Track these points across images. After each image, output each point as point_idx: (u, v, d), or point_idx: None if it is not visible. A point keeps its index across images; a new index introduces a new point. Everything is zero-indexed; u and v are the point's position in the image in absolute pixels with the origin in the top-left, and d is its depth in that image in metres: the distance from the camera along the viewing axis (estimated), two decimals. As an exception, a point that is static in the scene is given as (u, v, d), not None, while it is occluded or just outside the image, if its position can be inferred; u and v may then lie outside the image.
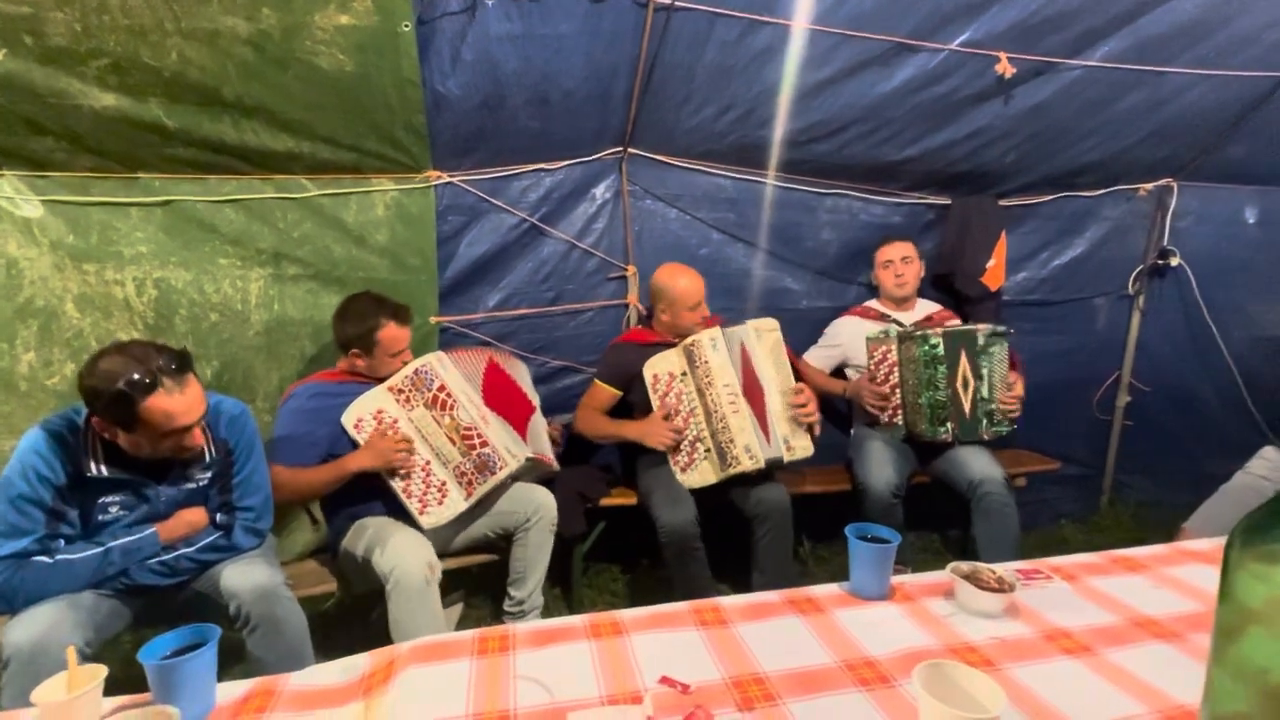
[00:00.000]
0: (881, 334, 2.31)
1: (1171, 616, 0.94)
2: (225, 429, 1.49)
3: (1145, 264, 2.82)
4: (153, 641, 0.75)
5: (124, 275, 1.91)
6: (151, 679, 0.72)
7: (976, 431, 2.19)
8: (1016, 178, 2.56)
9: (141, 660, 0.72)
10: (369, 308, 1.82)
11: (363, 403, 1.78)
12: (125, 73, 1.65)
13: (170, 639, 0.77)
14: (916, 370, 2.19)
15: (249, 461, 1.51)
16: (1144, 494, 3.02)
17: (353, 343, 1.82)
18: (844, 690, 0.78)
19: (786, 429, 2.04)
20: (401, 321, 1.84)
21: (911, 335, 2.22)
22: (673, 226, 2.43)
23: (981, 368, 2.17)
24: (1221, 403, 2.93)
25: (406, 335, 1.86)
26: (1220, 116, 2.41)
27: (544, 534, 1.94)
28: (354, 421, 1.77)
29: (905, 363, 2.24)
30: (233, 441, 1.49)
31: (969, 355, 2.17)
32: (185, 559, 1.40)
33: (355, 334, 1.81)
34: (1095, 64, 2.13)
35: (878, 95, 2.13)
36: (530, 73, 1.89)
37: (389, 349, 1.83)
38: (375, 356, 1.83)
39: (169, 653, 0.75)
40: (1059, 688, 0.78)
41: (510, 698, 0.76)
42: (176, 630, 0.77)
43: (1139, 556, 1.13)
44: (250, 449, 1.52)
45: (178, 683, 0.72)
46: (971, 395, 2.18)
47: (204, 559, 1.43)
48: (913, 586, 1.02)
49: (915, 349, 2.19)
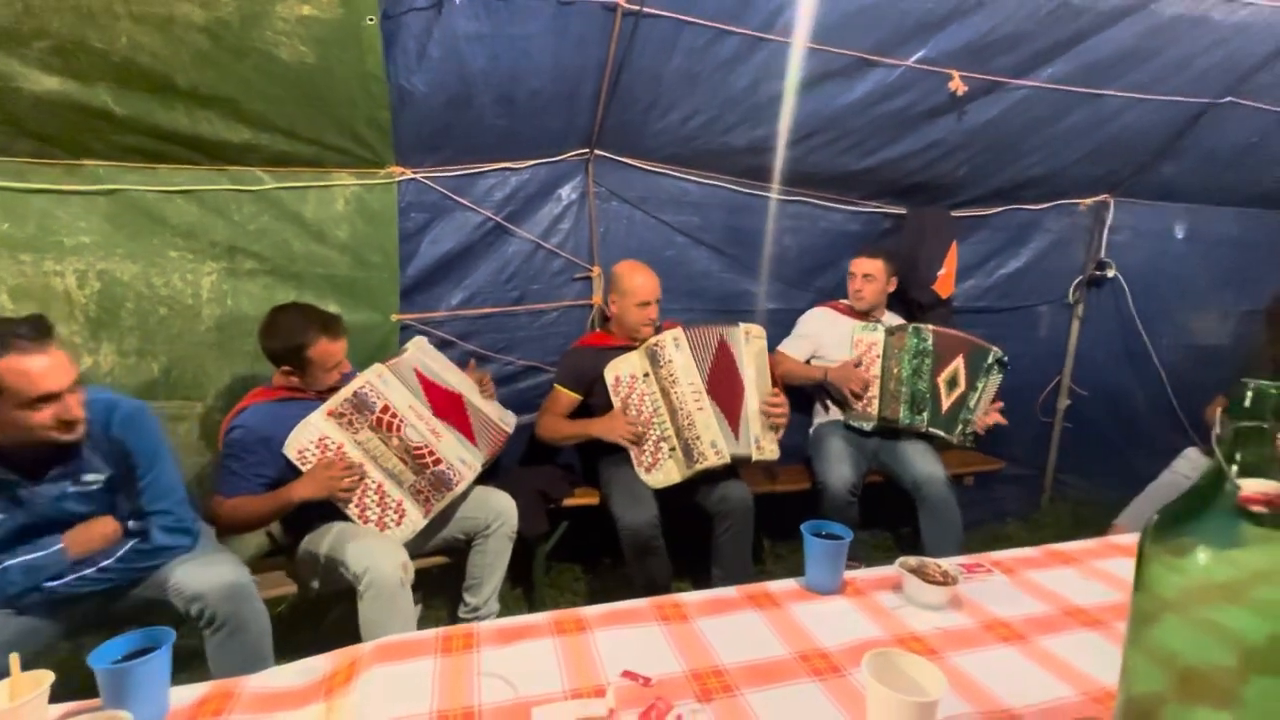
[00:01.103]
0: (869, 327, 2.43)
1: (1098, 606, 1.01)
2: (118, 427, 1.36)
3: (1084, 275, 2.98)
4: (104, 645, 0.73)
5: (64, 266, 1.83)
6: (102, 684, 0.70)
7: (951, 429, 2.28)
8: (968, 190, 2.68)
9: (92, 664, 0.70)
10: (297, 324, 1.72)
11: (303, 430, 1.67)
12: (71, 55, 1.58)
13: (121, 643, 0.74)
14: (903, 360, 2.32)
15: (155, 463, 1.40)
16: (1082, 492, 3.19)
17: (282, 360, 1.74)
18: (798, 680, 0.81)
19: (759, 429, 2.11)
20: (333, 335, 1.74)
21: (902, 328, 2.36)
22: (637, 229, 2.45)
23: (979, 382, 2.27)
24: (1151, 406, 3.12)
25: (341, 348, 1.77)
26: (1153, 138, 2.57)
27: (503, 541, 1.93)
28: (296, 452, 1.66)
29: (892, 353, 2.36)
30: (130, 442, 1.37)
31: (970, 365, 2.28)
32: (109, 570, 1.33)
33: (284, 351, 1.72)
34: (1041, 84, 2.24)
35: (839, 107, 2.20)
36: (497, 71, 1.89)
37: (322, 365, 1.74)
38: (308, 373, 1.75)
39: (120, 657, 0.73)
40: (997, 674, 0.84)
41: (475, 694, 0.76)
42: (128, 634, 0.75)
43: (1071, 550, 1.20)
44: (155, 451, 1.41)
45: (130, 687, 0.70)
46: (956, 397, 2.28)
47: (129, 567, 1.34)
48: (864, 581, 1.07)
49: (908, 339, 2.33)
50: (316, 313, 1.76)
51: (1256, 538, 0.59)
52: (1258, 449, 0.58)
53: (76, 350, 1.86)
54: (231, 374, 2.03)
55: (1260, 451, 0.58)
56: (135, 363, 1.93)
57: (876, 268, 2.48)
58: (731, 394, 2.08)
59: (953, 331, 2.40)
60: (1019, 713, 0.76)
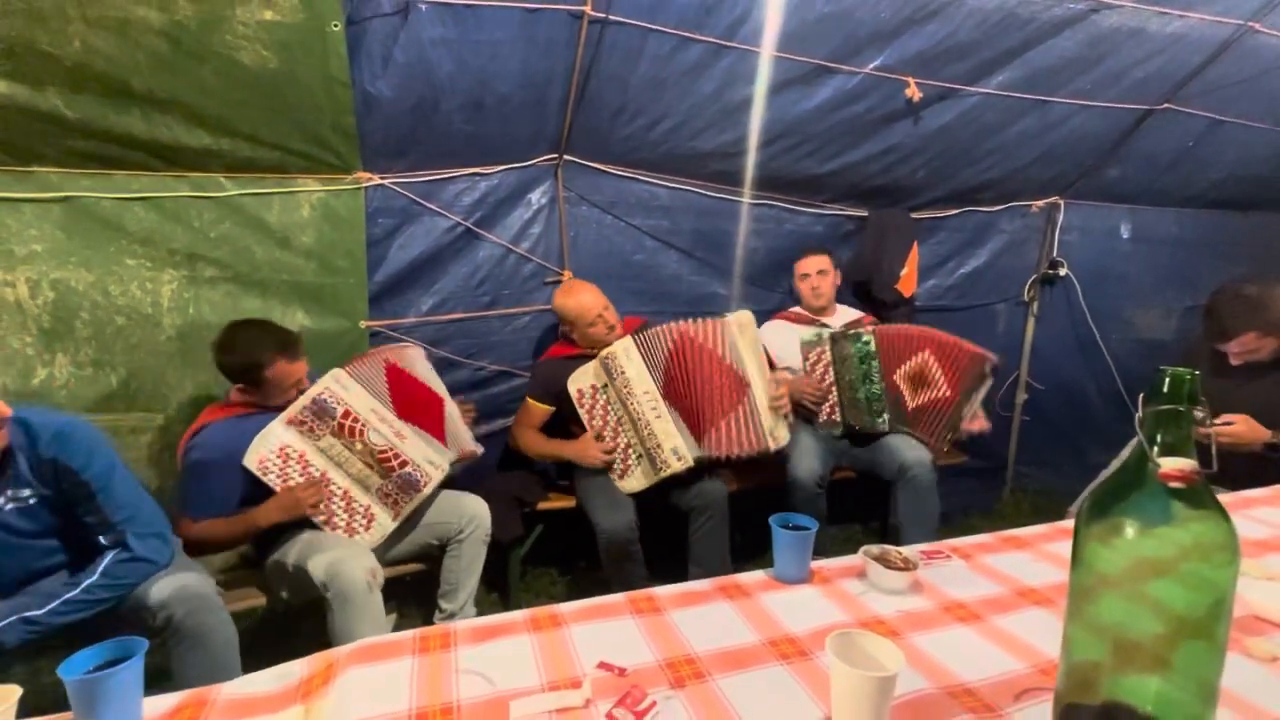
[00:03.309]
0: (815, 336, 2.43)
1: (1048, 585, 1.06)
2: (47, 446, 1.30)
3: (1038, 273, 3.10)
4: (73, 657, 0.72)
5: (15, 275, 1.78)
6: (73, 696, 0.69)
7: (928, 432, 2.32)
8: (926, 192, 2.77)
9: (62, 676, 0.69)
10: (254, 342, 1.67)
11: (264, 440, 1.64)
12: (19, 59, 1.55)
13: (91, 654, 0.73)
14: (851, 366, 2.34)
15: (106, 476, 1.33)
16: (1040, 483, 3.31)
17: (238, 378, 1.70)
18: (767, 665, 0.84)
19: (771, 421, 2.10)
20: (292, 356, 1.69)
21: (845, 335, 2.37)
22: (607, 232, 2.48)
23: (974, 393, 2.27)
24: (1103, 399, 3.26)
25: (299, 369, 1.72)
26: (1098, 142, 2.70)
27: (477, 546, 1.92)
28: (257, 462, 1.63)
29: (839, 361, 2.38)
30: (71, 461, 1.31)
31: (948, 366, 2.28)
32: (97, 588, 1.28)
33: (239, 369, 1.68)
34: (991, 91, 2.34)
35: (800, 113, 2.26)
36: (464, 77, 1.90)
37: (279, 385, 1.69)
38: (264, 392, 1.70)
39: (91, 668, 0.72)
40: (955, 652, 0.88)
41: (453, 690, 0.78)
42: (98, 645, 0.75)
43: (1024, 535, 1.27)
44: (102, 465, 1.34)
45: (102, 699, 0.69)
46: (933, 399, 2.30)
47: (115, 582, 1.30)
48: (830, 569, 1.11)
49: (850, 346, 2.34)
50: (275, 332, 1.71)
51: (1181, 515, 0.64)
52: (1175, 430, 0.63)
53: (29, 362, 1.81)
54: (194, 384, 1.99)
55: (1177, 432, 0.63)
56: (92, 374, 1.88)
57: (826, 263, 2.54)
58: (741, 390, 2.06)
59: (904, 328, 2.44)
60: (973, 686, 0.81)
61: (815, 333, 2.45)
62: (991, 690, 0.80)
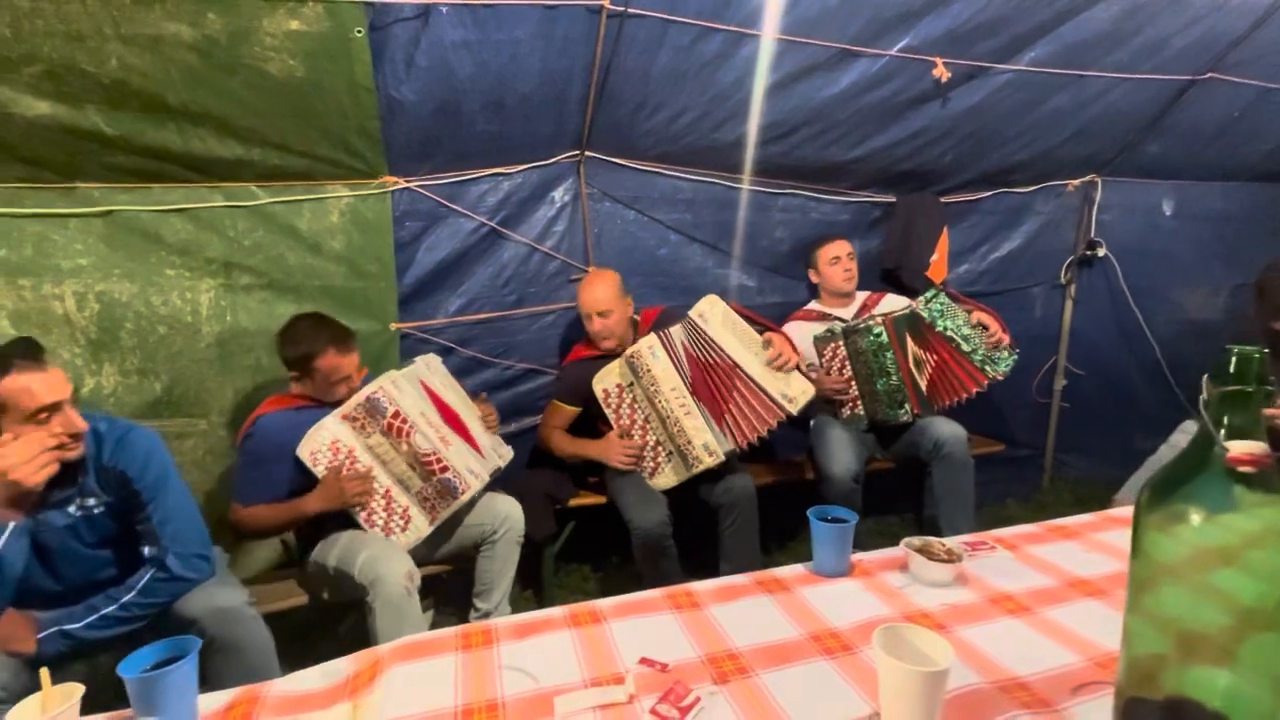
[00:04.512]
0: (827, 333, 2.38)
1: (1101, 576, 1.03)
2: (111, 453, 1.35)
3: (1075, 255, 3.01)
4: (131, 656, 0.75)
5: (63, 289, 1.84)
6: (132, 693, 0.72)
7: (931, 408, 2.29)
8: (956, 175, 2.70)
9: (121, 674, 0.72)
10: (307, 332, 1.74)
11: (317, 433, 1.70)
12: (61, 80, 1.59)
13: (148, 653, 0.76)
14: (867, 360, 2.29)
15: (160, 489, 1.37)
16: (1081, 471, 3.22)
17: (293, 366, 1.77)
18: (811, 660, 0.83)
19: (780, 383, 2.03)
20: (343, 349, 1.74)
21: (856, 329, 2.30)
22: (631, 228, 2.47)
23: (944, 332, 2.24)
24: (1147, 383, 3.15)
25: (350, 362, 1.77)
26: (1138, 116, 2.60)
27: (510, 546, 1.94)
28: (309, 453, 1.69)
29: (854, 355, 2.32)
30: (128, 468, 1.35)
31: (917, 334, 2.27)
32: (134, 605, 1.31)
33: (295, 358, 1.75)
34: (1023, 68, 2.27)
35: (824, 99, 2.22)
36: (485, 77, 1.90)
37: (329, 377, 1.74)
38: (315, 383, 1.76)
39: (148, 666, 0.74)
40: (1004, 645, 0.86)
41: (498, 687, 0.78)
42: (154, 644, 0.77)
43: (1071, 525, 1.23)
44: (161, 475, 1.38)
45: (160, 696, 0.71)
46: (928, 372, 2.27)
47: (149, 601, 1.33)
48: (870, 562, 1.09)
49: (861, 341, 2.27)
50: (331, 325, 1.78)
51: (1247, 501, 0.61)
52: (1243, 412, 0.60)
53: (79, 372, 1.87)
54: (233, 389, 2.04)
55: (1246, 415, 0.60)
56: (137, 382, 1.94)
57: (849, 246, 2.53)
58: (735, 376, 2.04)
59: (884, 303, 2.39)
60: (1026, 680, 0.78)
61: (828, 329, 2.40)
62: (1046, 685, 0.77)
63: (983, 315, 2.30)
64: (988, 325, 2.28)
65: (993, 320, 2.30)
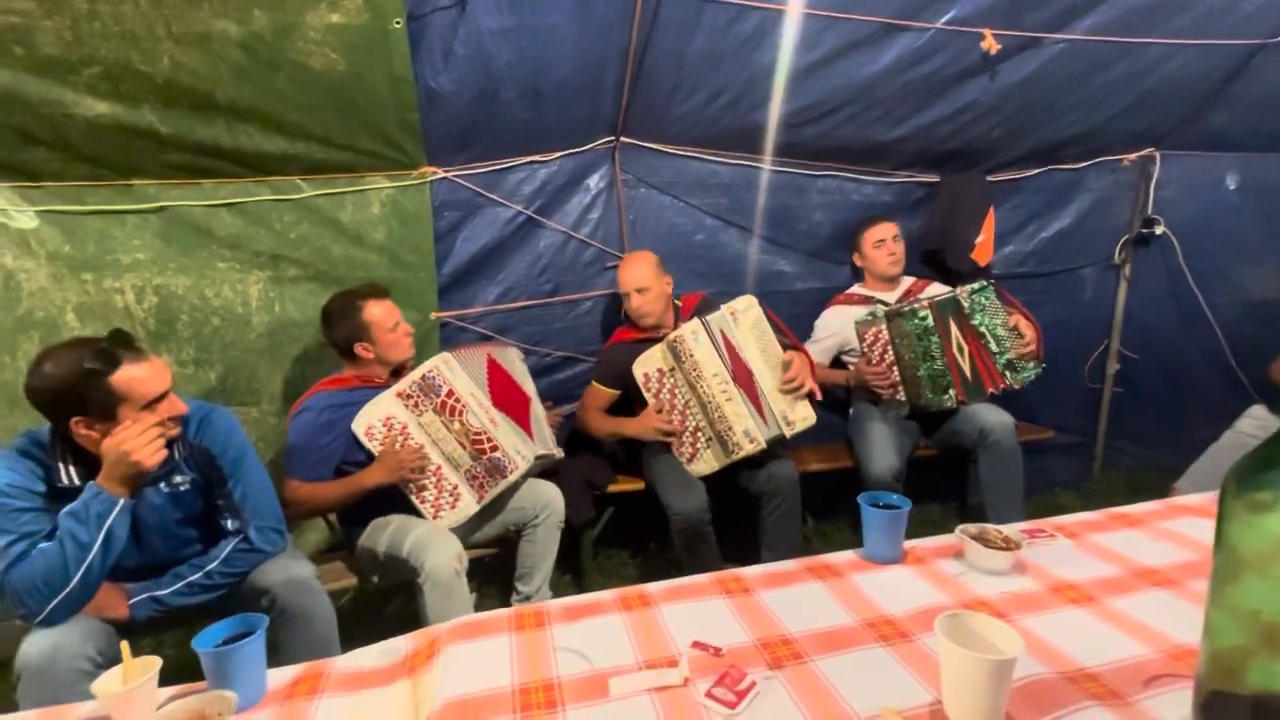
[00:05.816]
0: (869, 316, 2.32)
1: (1169, 566, 0.99)
2: (197, 432, 1.44)
3: (1131, 234, 2.87)
4: (204, 631, 0.78)
5: (123, 283, 1.92)
6: (206, 666, 0.75)
7: (981, 393, 2.21)
8: (1003, 152, 2.60)
9: (196, 648, 0.75)
10: (343, 302, 1.84)
11: (372, 409, 1.77)
12: (118, 80, 1.65)
13: (219, 629, 0.79)
14: (910, 344, 2.22)
15: (240, 466, 1.46)
16: (1135, 459, 3.10)
17: (351, 338, 1.83)
18: (867, 646, 0.82)
19: (783, 404, 2.05)
20: (379, 296, 1.86)
21: (900, 312, 2.23)
22: (667, 214, 2.45)
23: (978, 327, 2.19)
24: (1208, 367, 3.00)
25: (392, 307, 1.88)
26: (1200, 85, 2.45)
27: (551, 530, 1.97)
28: (364, 428, 1.76)
29: (898, 339, 2.26)
30: (212, 446, 1.44)
31: (958, 321, 2.20)
32: (217, 574, 1.39)
33: (348, 330, 1.82)
34: (1078, 37, 2.16)
35: (867, 76, 2.15)
36: (522, 65, 1.90)
37: (384, 325, 1.83)
38: (378, 340, 1.83)
39: (220, 641, 0.78)
40: (1069, 635, 0.83)
41: (553, 668, 0.79)
42: (224, 620, 0.80)
43: (1135, 513, 1.18)
44: (240, 452, 1.48)
45: (232, 668, 0.74)
46: (969, 359, 2.21)
47: (232, 571, 1.41)
48: (924, 550, 1.07)
49: (905, 324, 2.21)
50: (354, 287, 1.89)
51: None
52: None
53: (139, 363, 1.95)
54: (283, 378, 2.11)
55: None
56: (194, 372, 2.01)
57: (896, 228, 2.47)
58: (745, 379, 2.02)
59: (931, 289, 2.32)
60: (1095, 671, 0.76)
61: (870, 311, 2.34)
62: (1117, 676, 0.75)
63: (1024, 323, 2.24)
64: (1024, 333, 2.22)
65: (1031, 330, 2.24)
